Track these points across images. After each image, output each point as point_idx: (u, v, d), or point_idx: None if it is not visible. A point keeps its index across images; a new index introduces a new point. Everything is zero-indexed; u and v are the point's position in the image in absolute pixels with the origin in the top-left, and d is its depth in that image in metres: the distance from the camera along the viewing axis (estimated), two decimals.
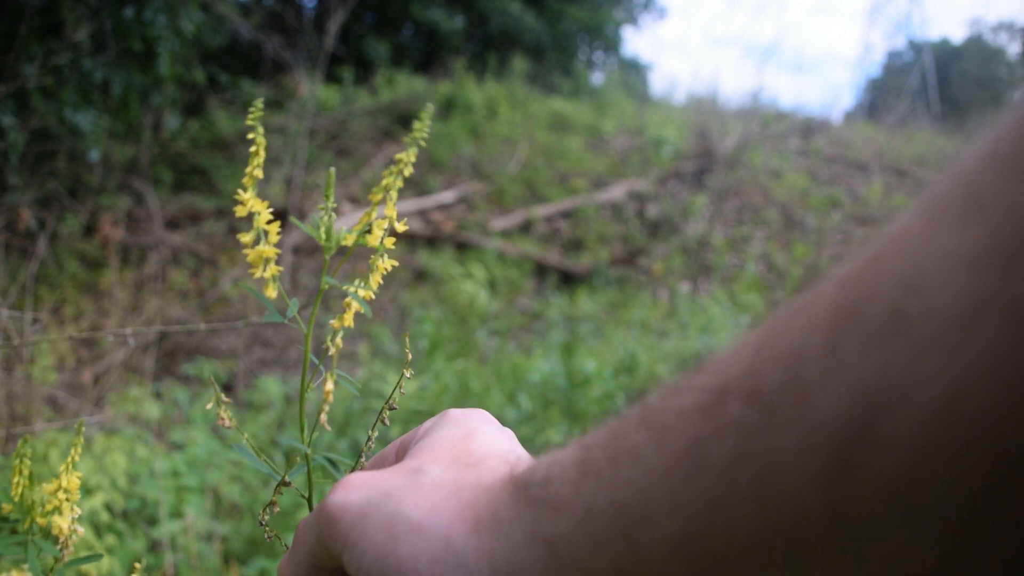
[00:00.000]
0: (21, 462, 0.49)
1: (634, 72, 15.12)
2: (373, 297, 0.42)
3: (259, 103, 0.39)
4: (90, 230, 4.66)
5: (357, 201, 6.37)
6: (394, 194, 0.40)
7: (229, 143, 6.31)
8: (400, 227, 0.41)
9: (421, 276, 5.35)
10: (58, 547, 0.49)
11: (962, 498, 0.17)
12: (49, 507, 0.49)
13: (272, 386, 3.13)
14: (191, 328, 0.91)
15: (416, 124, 0.39)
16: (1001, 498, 0.17)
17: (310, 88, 6.43)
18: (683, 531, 0.22)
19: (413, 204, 6.14)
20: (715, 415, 0.22)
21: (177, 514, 2.10)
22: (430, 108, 0.40)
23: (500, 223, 6.35)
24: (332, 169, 0.40)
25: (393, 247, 0.42)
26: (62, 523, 0.48)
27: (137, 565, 0.51)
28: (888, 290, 0.19)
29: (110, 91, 3.76)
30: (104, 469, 2.02)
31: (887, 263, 0.20)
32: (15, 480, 0.49)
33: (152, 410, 2.60)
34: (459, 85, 8.67)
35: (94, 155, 3.79)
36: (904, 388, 0.18)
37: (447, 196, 6.57)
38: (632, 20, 13.83)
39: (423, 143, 0.40)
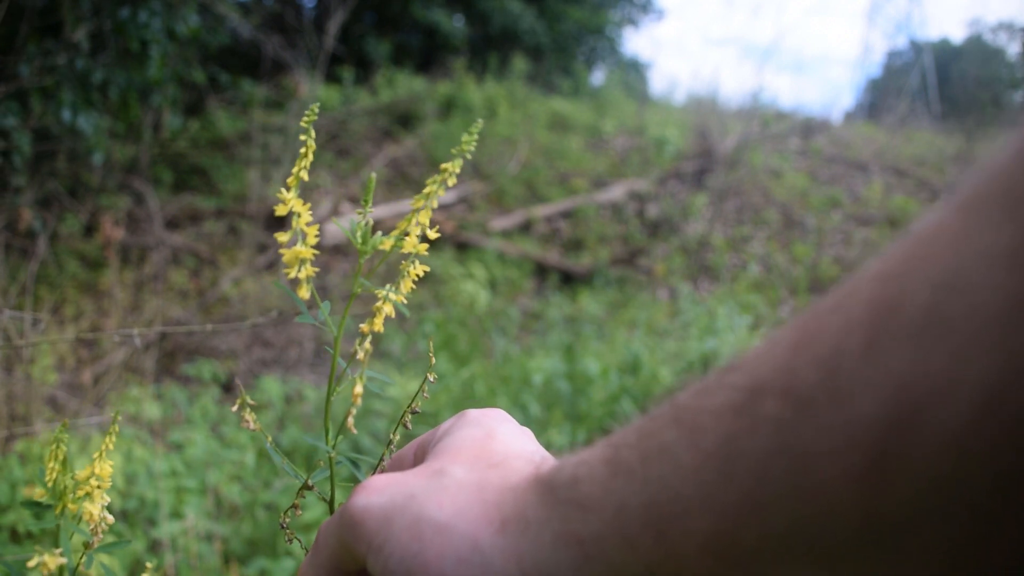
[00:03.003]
0: (57, 447, 0.49)
1: (634, 72, 15.13)
2: (405, 302, 0.42)
3: (315, 107, 0.39)
4: (90, 230, 4.66)
5: (357, 201, 6.37)
6: (435, 203, 0.40)
7: (229, 143, 6.30)
8: (432, 234, 0.41)
9: (421, 276, 5.34)
10: (90, 533, 0.49)
11: (991, 493, 0.17)
12: (80, 493, 0.49)
13: (272, 386, 3.13)
14: (194, 329, 0.90)
15: (464, 137, 0.39)
16: (1011, 488, 0.17)
17: (310, 88, 6.43)
18: (716, 528, 0.22)
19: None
20: (749, 413, 0.22)
21: (177, 514, 2.09)
22: (479, 123, 0.40)
23: (500, 223, 6.35)
24: (373, 175, 0.41)
25: (426, 253, 0.42)
26: (93, 509, 0.49)
27: (148, 565, 0.51)
28: (926, 288, 0.19)
29: (108, 92, 3.75)
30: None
31: (923, 260, 0.20)
32: (50, 465, 0.50)
33: (152, 410, 2.60)
34: (459, 85, 8.68)
35: (98, 159, 3.78)
36: (944, 386, 0.18)
37: (447, 196, 6.57)
38: (631, 21, 13.83)
39: (469, 156, 0.40)
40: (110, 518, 0.50)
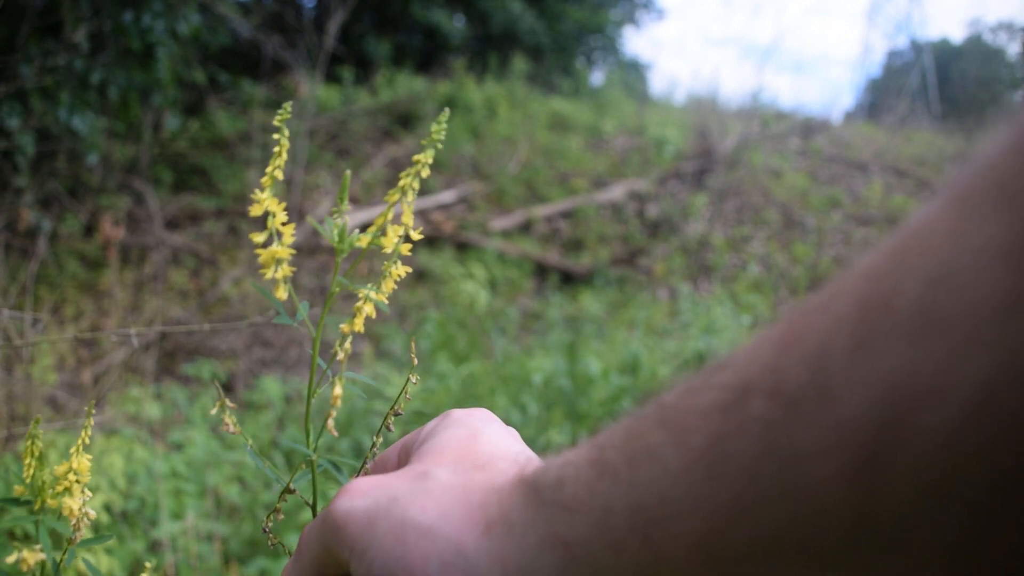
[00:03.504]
0: (32, 443, 0.49)
1: (634, 72, 15.13)
2: (387, 302, 0.42)
3: (288, 106, 0.39)
4: (90, 230, 4.66)
5: (357, 201, 6.37)
6: (411, 196, 0.39)
7: (229, 143, 6.30)
8: (416, 235, 0.40)
9: (421, 276, 5.35)
10: (71, 528, 0.49)
11: (990, 493, 0.17)
12: (59, 488, 0.49)
13: (272, 386, 3.13)
14: (193, 328, 0.90)
15: (434, 127, 0.38)
16: (1012, 490, 0.17)
17: (310, 88, 6.43)
18: (705, 530, 0.22)
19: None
20: (737, 413, 0.22)
21: (177, 515, 2.09)
22: (446, 111, 0.39)
23: (500, 223, 6.35)
24: (348, 172, 0.40)
25: (409, 253, 0.41)
26: (72, 504, 0.49)
27: (148, 565, 0.51)
28: (916, 285, 0.19)
29: (107, 93, 3.75)
30: (102, 469, 2.02)
31: (913, 257, 0.19)
32: (26, 461, 0.49)
33: (152, 410, 2.60)
34: (459, 85, 8.67)
35: (92, 159, 3.79)
36: (936, 385, 0.17)
37: (447, 196, 6.57)
38: (632, 20, 13.83)
39: (439, 146, 0.40)
40: (92, 513, 0.50)
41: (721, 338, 3.68)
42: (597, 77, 13.75)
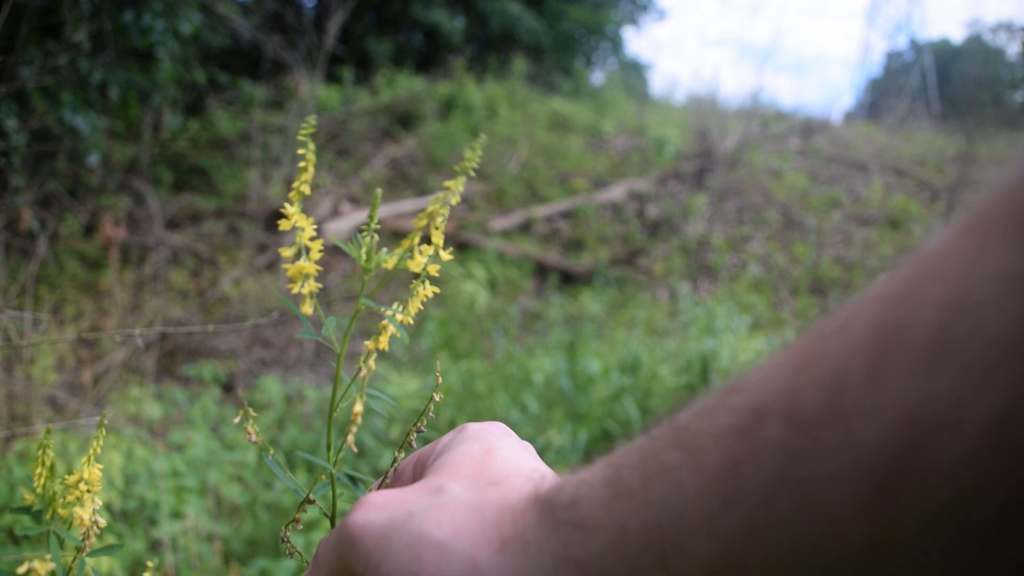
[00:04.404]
0: (44, 453, 0.49)
1: (634, 72, 15.14)
2: (412, 322, 0.41)
3: (311, 119, 0.38)
4: (90, 230, 4.66)
5: (357, 201, 6.37)
6: (440, 222, 0.39)
7: (229, 143, 6.30)
8: (446, 256, 0.40)
9: (421, 276, 5.35)
10: (80, 538, 0.49)
11: (998, 516, 0.17)
12: (70, 498, 0.49)
13: (272, 386, 3.13)
14: (195, 329, 0.91)
15: (467, 154, 0.38)
16: (1017, 511, 0.17)
17: (310, 88, 6.43)
18: (720, 554, 0.22)
19: (413, 204, 6.15)
20: (752, 437, 0.22)
21: (177, 514, 2.09)
22: (483, 138, 0.39)
23: (500, 223, 6.35)
24: (379, 191, 0.40)
25: (437, 275, 0.41)
26: (83, 514, 0.49)
27: (149, 564, 0.51)
28: (932, 311, 0.19)
29: (108, 92, 3.76)
30: (103, 469, 2.02)
31: (929, 283, 0.19)
32: (37, 471, 0.49)
33: (153, 410, 2.60)
34: (459, 85, 8.68)
35: (93, 159, 3.79)
36: (951, 413, 0.18)
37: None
38: (632, 20, 13.83)
39: (472, 173, 0.39)
40: (102, 522, 0.50)
41: (720, 339, 3.68)
42: (597, 77, 13.76)
